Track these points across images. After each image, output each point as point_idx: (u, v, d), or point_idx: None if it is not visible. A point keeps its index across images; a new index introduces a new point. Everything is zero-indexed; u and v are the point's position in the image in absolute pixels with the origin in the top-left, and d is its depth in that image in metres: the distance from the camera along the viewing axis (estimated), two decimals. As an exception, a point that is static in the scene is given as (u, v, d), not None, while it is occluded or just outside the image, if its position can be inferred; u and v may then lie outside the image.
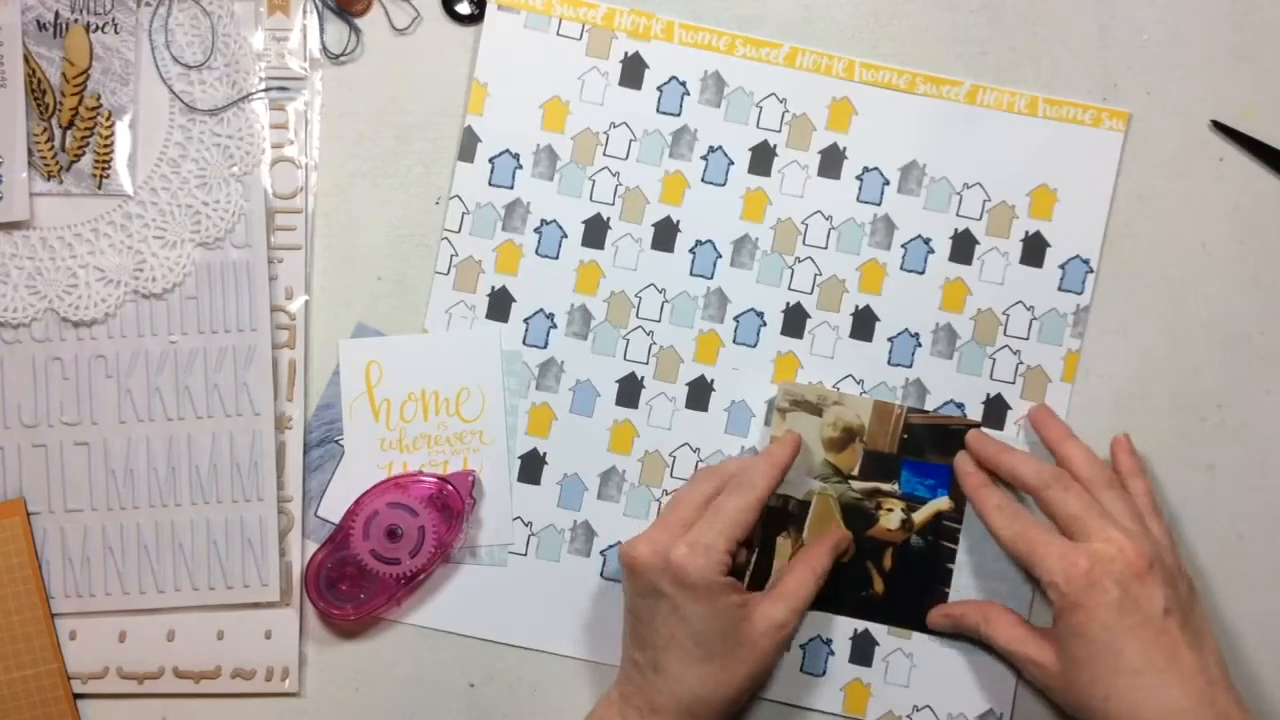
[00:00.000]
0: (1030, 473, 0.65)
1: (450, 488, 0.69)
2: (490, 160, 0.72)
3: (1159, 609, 0.60)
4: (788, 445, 0.68)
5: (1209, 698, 0.59)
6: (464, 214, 0.71)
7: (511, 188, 0.72)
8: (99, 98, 0.71)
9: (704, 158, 0.72)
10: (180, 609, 0.70)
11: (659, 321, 0.71)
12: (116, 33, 0.71)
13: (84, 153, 0.70)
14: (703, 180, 0.72)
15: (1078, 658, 0.61)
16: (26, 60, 0.70)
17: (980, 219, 0.71)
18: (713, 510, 0.64)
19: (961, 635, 0.69)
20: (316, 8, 0.72)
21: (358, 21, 0.72)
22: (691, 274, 0.72)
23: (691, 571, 0.62)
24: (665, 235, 0.72)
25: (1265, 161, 0.71)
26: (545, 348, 0.71)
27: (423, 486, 0.69)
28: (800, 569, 0.67)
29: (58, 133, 0.70)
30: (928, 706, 0.70)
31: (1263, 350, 0.71)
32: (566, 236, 0.72)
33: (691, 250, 0.72)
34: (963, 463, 0.69)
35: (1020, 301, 0.71)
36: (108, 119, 0.70)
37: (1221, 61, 0.72)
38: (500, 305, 0.71)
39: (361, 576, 0.69)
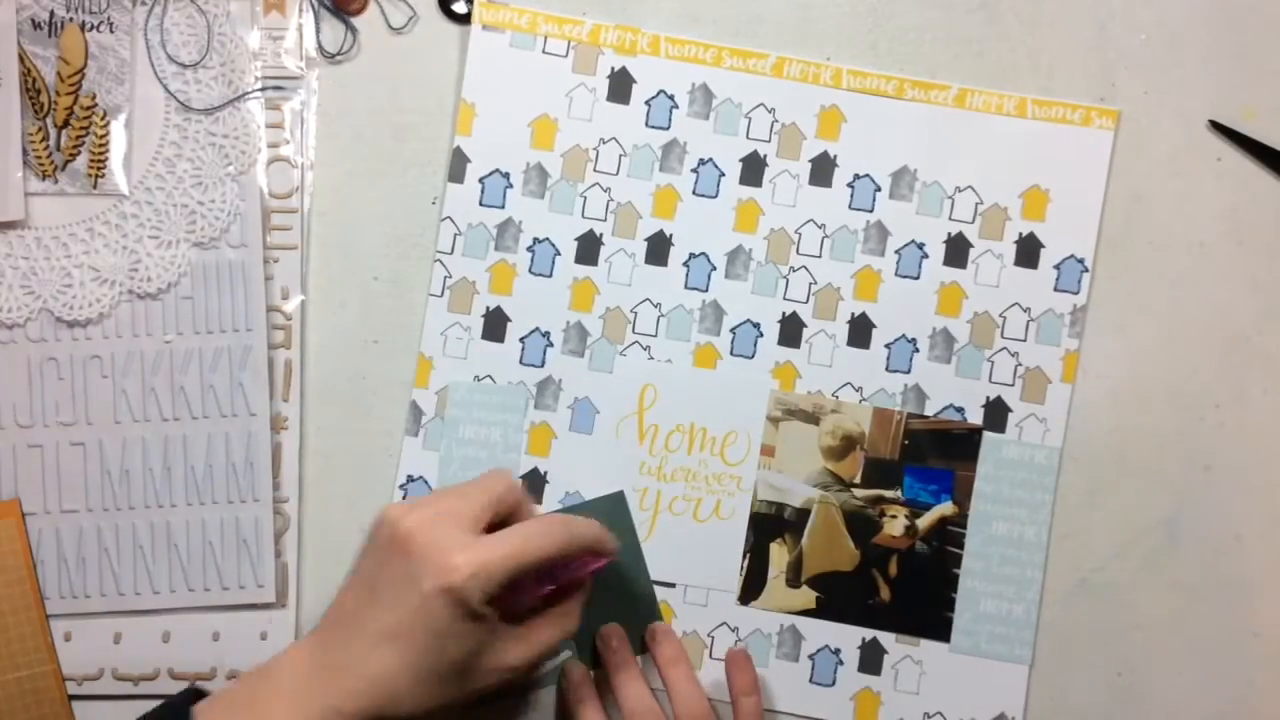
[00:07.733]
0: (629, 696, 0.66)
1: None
2: (480, 180, 0.71)
3: None
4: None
5: None
6: (456, 235, 0.71)
7: (503, 207, 0.71)
8: (94, 97, 0.70)
9: (694, 170, 0.71)
10: (176, 610, 0.70)
11: (655, 336, 0.71)
12: (112, 32, 0.71)
13: (79, 152, 0.70)
14: (694, 193, 0.71)
15: None
16: (21, 59, 0.70)
17: (973, 222, 0.71)
18: (516, 535, 0.60)
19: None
20: (313, 7, 0.72)
21: (354, 21, 0.72)
22: (686, 287, 0.71)
23: (467, 593, 0.57)
24: (659, 249, 0.71)
25: (1263, 161, 0.71)
26: (542, 366, 0.71)
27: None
28: (554, 620, 0.63)
29: (52, 132, 0.70)
30: (939, 713, 0.70)
31: (1260, 350, 0.71)
32: (559, 254, 0.71)
33: (685, 264, 0.71)
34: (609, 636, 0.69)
35: (1016, 303, 0.71)
36: (103, 118, 0.70)
37: (1220, 61, 0.71)
38: (496, 325, 0.71)
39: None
